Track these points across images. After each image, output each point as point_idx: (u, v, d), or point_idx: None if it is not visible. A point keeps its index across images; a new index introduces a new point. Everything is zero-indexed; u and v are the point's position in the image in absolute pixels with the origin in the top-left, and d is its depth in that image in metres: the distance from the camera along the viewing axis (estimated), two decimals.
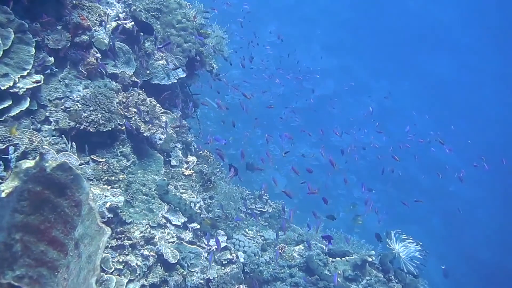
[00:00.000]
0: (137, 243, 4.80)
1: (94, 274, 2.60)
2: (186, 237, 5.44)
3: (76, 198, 3.13)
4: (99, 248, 2.74)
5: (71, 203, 3.14)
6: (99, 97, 5.06)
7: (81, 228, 3.01)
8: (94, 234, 2.89)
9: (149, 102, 5.71)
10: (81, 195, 3.12)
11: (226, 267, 5.59)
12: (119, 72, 5.67)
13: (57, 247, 3.15)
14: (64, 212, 3.14)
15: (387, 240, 6.63)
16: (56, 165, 3.05)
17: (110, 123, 5.04)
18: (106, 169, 5.02)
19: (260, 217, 8.00)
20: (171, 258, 5.03)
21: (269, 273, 6.17)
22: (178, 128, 6.50)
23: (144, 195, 5.34)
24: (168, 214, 5.39)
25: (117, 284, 4.42)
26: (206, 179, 6.39)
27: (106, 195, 4.75)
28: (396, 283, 6.37)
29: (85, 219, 3.01)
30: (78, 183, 3.12)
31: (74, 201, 3.14)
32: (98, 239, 2.82)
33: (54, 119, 4.79)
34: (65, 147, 4.76)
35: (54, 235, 3.14)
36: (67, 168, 3.07)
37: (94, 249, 2.78)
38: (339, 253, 6.61)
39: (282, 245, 6.58)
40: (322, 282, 6.06)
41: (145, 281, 4.74)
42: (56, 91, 4.92)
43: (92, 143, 5.07)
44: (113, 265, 4.53)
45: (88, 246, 2.87)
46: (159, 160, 5.90)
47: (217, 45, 7.43)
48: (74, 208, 3.14)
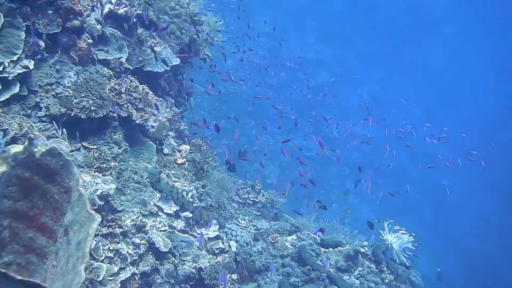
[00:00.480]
0: (128, 231, 4.74)
1: (83, 261, 2.54)
2: (178, 225, 5.39)
3: (66, 184, 3.07)
4: (88, 235, 2.69)
5: (61, 189, 3.08)
6: (90, 84, 4.99)
7: (70, 215, 2.95)
8: (84, 220, 2.83)
9: (142, 89, 5.64)
10: (71, 181, 3.05)
11: (218, 256, 5.55)
12: (111, 58, 5.59)
13: (46, 234, 3.10)
14: (54, 199, 3.08)
15: (380, 231, 6.61)
16: (45, 151, 2.98)
17: (102, 109, 4.98)
18: (98, 156, 4.96)
19: (253, 207, 7.96)
20: (163, 246, 4.99)
21: (261, 263, 6.15)
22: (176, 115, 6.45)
23: (136, 183, 5.28)
24: (160, 202, 5.34)
25: (107, 272, 4.38)
26: (199, 167, 6.33)
27: (97, 182, 4.70)
28: (388, 274, 6.36)
29: (74, 206, 2.95)
30: (68, 169, 3.06)
31: (63, 188, 3.08)
32: (87, 226, 2.77)
33: (45, 105, 4.71)
34: (56, 133, 4.69)
35: (43, 222, 3.08)
36: (57, 153, 3.01)
37: (84, 236, 2.72)
38: (332, 243, 6.59)
39: (274, 235, 6.55)
40: (314, 272, 6.04)
41: (136, 270, 4.69)
42: (47, 76, 4.83)
43: (83, 130, 5.00)
44: (103, 253, 4.49)
45: (78, 233, 2.82)
46: (152, 148, 5.84)
47: (211, 33, 7.36)
48: (64, 194, 3.08)
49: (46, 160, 3.00)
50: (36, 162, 2.98)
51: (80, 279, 2.39)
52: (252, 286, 6.08)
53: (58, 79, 4.88)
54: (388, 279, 6.30)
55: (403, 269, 6.52)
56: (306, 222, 7.36)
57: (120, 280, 4.49)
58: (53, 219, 3.11)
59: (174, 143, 6.37)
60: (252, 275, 6.16)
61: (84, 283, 4.17)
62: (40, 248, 3.08)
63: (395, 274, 6.37)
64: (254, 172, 19.04)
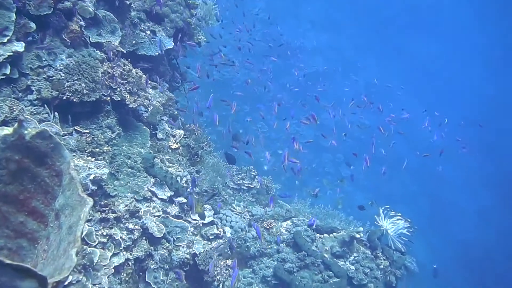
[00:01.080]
0: (121, 217, 4.69)
1: (75, 245, 2.48)
2: (172, 211, 5.34)
3: (57, 167, 3.00)
4: (80, 219, 2.63)
5: (52, 172, 3.01)
6: (83, 67, 4.91)
7: (61, 199, 2.89)
8: (75, 204, 2.77)
9: (135, 73, 5.55)
10: (62, 164, 2.99)
11: (212, 242, 5.51)
12: (104, 41, 5.49)
13: (37, 218, 3.04)
14: (45, 182, 3.01)
15: (375, 216, 6.57)
16: (35, 133, 2.91)
17: (94, 93, 4.90)
18: (90, 140, 4.89)
19: (248, 193, 7.91)
20: (157, 232, 4.94)
21: (256, 249, 6.11)
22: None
23: (129, 168, 5.22)
24: (154, 187, 5.28)
25: (100, 257, 4.33)
26: (193, 153, 6.27)
27: (90, 167, 4.63)
28: (383, 259, 6.34)
29: (66, 189, 2.88)
30: (59, 152, 2.99)
31: (54, 171, 3.01)
32: (79, 210, 2.70)
33: (36, 88, 4.63)
34: (48, 117, 4.61)
35: (34, 206, 3.02)
36: (48, 136, 2.94)
37: (75, 220, 2.66)
38: (327, 229, 6.56)
39: (269, 221, 6.50)
40: (309, 258, 6.01)
41: (129, 255, 4.65)
42: (38, 59, 4.74)
43: (75, 114, 4.93)
44: (96, 238, 4.43)
45: (69, 217, 2.76)
46: (145, 132, 5.76)
47: (206, 17, 7.26)
48: (55, 178, 3.02)
49: (37, 143, 2.93)
50: (26, 145, 2.91)
51: (71, 264, 2.33)
52: (247, 271, 6.05)
53: (49, 62, 4.79)
54: (383, 264, 6.28)
55: (398, 255, 6.50)
56: (301, 208, 7.32)
57: (114, 265, 4.45)
58: (44, 203, 3.04)
59: (168, 128, 6.29)
60: (247, 261, 6.13)
61: (77, 268, 4.12)
62: (31, 233, 3.02)
63: (390, 260, 6.35)
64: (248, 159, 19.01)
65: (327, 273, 5.98)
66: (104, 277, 4.31)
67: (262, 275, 5.96)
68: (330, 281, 5.92)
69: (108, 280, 4.33)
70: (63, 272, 2.27)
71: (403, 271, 6.49)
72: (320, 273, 6.00)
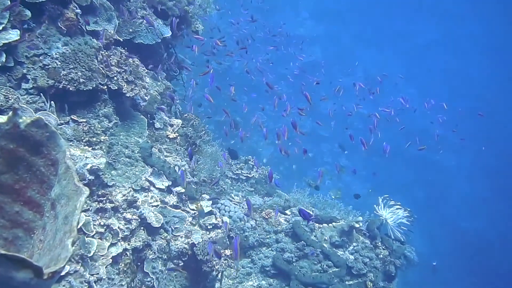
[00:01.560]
0: (119, 206, 4.65)
1: (71, 235, 2.44)
2: (170, 201, 5.30)
3: (53, 156, 2.95)
4: (76, 208, 2.58)
5: (47, 161, 2.97)
6: (79, 55, 4.84)
7: (57, 188, 2.84)
8: (71, 194, 2.72)
9: (132, 61, 5.49)
10: (57, 153, 2.94)
11: (211, 232, 5.47)
12: (100, 29, 5.42)
13: (33, 208, 2.99)
14: (40, 172, 2.97)
15: (374, 206, 6.54)
16: (30, 122, 2.86)
17: (91, 82, 4.84)
18: (87, 129, 4.84)
19: (246, 182, 7.88)
20: (155, 222, 4.90)
21: (255, 239, 6.08)
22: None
23: (127, 158, 5.17)
24: (151, 177, 5.24)
25: (98, 247, 4.29)
26: (191, 142, 6.22)
27: (87, 156, 4.58)
28: (382, 249, 6.32)
29: (61, 179, 2.84)
30: (55, 141, 2.94)
31: (50, 160, 2.96)
32: (75, 200, 2.66)
33: (32, 76, 4.57)
34: (44, 106, 4.56)
35: (29, 195, 2.98)
36: (43, 124, 2.89)
37: (71, 210, 2.62)
38: (326, 219, 6.52)
39: (268, 211, 6.47)
40: (308, 248, 5.98)
41: (127, 245, 4.61)
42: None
43: (72, 103, 4.87)
44: (94, 228, 4.39)
45: (65, 207, 2.71)
46: (143, 122, 5.70)
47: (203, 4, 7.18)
48: (51, 167, 2.97)
49: (32, 132, 2.88)
50: (21, 134, 2.86)
51: (67, 254, 2.29)
52: (245, 261, 6.03)
53: (45, 50, 4.73)
54: (382, 254, 6.26)
55: (398, 244, 6.47)
56: (300, 198, 7.28)
57: (112, 255, 4.41)
58: (40, 193, 3.00)
59: (165, 117, 6.24)
60: (245, 251, 6.10)
61: (75, 258, 4.09)
62: (27, 223, 2.98)
63: (390, 250, 6.33)
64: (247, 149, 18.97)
65: (326, 263, 5.96)
66: (102, 267, 4.28)
67: (261, 265, 5.94)
68: (329, 271, 5.90)
69: (106, 270, 4.29)
70: (59, 263, 2.23)
71: (402, 260, 6.48)
72: (319, 263, 5.98)
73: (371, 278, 6.08)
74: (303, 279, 5.77)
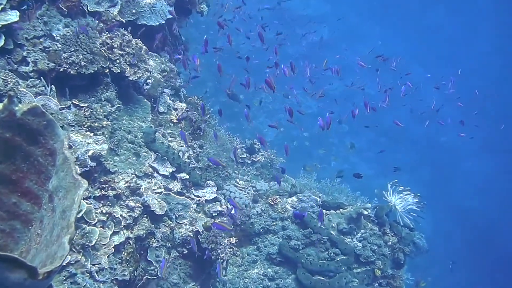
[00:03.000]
0: (122, 194, 4.53)
1: (68, 231, 2.32)
2: (174, 187, 5.18)
3: (50, 146, 2.83)
4: (74, 202, 2.46)
5: (45, 151, 2.84)
6: (80, 37, 4.69)
7: (55, 180, 2.72)
8: (69, 186, 2.60)
9: (135, 44, 5.32)
10: (55, 143, 2.81)
11: (216, 219, 5.36)
12: (102, 10, 5.26)
13: (30, 199, 2.88)
14: (38, 162, 2.84)
15: (383, 192, 6.40)
16: (27, 109, 2.73)
17: (93, 65, 4.69)
18: (89, 114, 4.70)
19: (252, 166, 7.74)
20: (158, 209, 4.79)
21: (261, 226, 5.97)
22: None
23: (129, 143, 5.04)
24: (155, 163, 5.11)
25: (100, 236, 4.19)
26: (196, 127, 6.06)
27: (89, 142, 4.46)
28: (391, 236, 6.19)
29: (59, 170, 2.71)
30: (52, 130, 2.81)
31: (48, 150, 2.84)
32: (73, 193, 2.54)
33: (32, 59, 4.43)
34: (44, 90, 4.42)
35: (27, 186, 2.86)
36: (40, 113, 2.76)
37: (69, 204, 2.50)
38: (334, 205, 6.39)
39: (274, 197, 6.34)
40: (315, 235, 5.87)
41: (130, 233, 4.51)
42: (34, 29, 4.53)
43: (73, 87, 4.73)
44: (96, 216, 4.28)
45: (63, 200, 2.59)
46: (146, 106, 5.55)
47: None
48: (49, 157, 2.85)
49: (28, 120, 2.75)
50: (17, 122, 2.73)
51: (63, 252, 2.18)
52: (251, 249, 5.92)
53: (46, 32, 4.59)
54: (391, 241, 6.13)
55: (407, 231, 6.35)
56: (307, 183, 7.14)
57: (114, 244, 4.31)
58: (38, 184, 2.88)
59: (169, 101, 6.09)
60: (251, 238, 5.99)
61: (76, 248, 3.99)
62: (25, 214, 2.88)
63: (399, 237, 6.20)
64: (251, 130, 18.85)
65: (333, 250, 5.85)
66: (104, 256, 4.19)
67: (267, 252, 5.83)
68: (336, 259, 5.79)
69: (108, 260, 4.20)
70: (55, 262, 2.12)
71: (411, 247, 6.36)
72: (326, 250, 5.87)
73: (380, 266, 5.97)
74: (310, 267, 5.67)
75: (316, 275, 5.68)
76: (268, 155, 8.06)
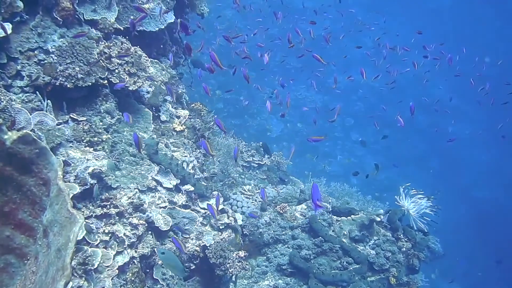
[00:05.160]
0: (124, 211, 4.34)
1: (64, 274, 2.14)
2: (179, 200, 4.98)
3: (44, 175, 2.64)
4: (69, 241, 2.27)
5: (38, 181, 2.66)
6: (76, 48, 4.49)
7: (49, 213, 2.53)
8: (64, 221, 2.41)
9: (134, 51, 5.11)
10: (49, 172, 2.63)
11: (223, 232, 5.15)
12: (99, 18, 5.04)
13: (25, 232, 2.70)
14: (31, 192, 2.66)
15: (396, 197, 6.18)
16: (17, 138, 2.54)
17: (90, 77, 4.49)
18: (88, 128, 4.51)
19: (258, 170, 7.53)
20: (163, 225, 4.61)
21: (270, 236, 5.76)
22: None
23: (131, 156, 4.84)
24: (158, 176, 4.91)
25: (103, 258, 4.00)
26: (200, 135, 5.86)
27: (88, 158, 4.27)
28: (405, 241, 5.98)
29: (53, 203, 2.52)
30: (46, 158, 2.62)
31: (41, 179, 2.65)
32: (68, 229, 2.35)
33: (27, 73, 4.23)
34: (40, 105, 4.23)
35: (21, 218, 2.68)
36: (31, 140, 2.57)
37: (64, 242, 2.31)
38: (344, 210, 6.17)
39: (282, 205, 6.12)
40: (327, 244, 5.66)
41: (135, 253, 4.32)
42: (28, 41, 4.34)
43: (71, 100, 4.54)
44: (98, 236, 4.10)
45: (58, 236, 2.41)
46: (147, 115, 5.35)
47: None
48: (42, 186, 2.66)
49: (19, 149, 2.57)
50: (7, 151, 2.55)
51: None
52: (261, 260, 5.72)
53: (40, 44, 4.39)
54: (405, 247, 5.92)
55: (421, 236, 6.12)
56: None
57: (118, 265, 4.12)
58: (32, 215, 2.70)
59: (172, 108, 5.88)
60: (260, 249, 5.79)
61: (78, 272, 3.79)
62: (20, 248, 2.70)
63: (413, 242, 5.97)
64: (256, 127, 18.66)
65: (346, 259, 5.64)
66: (108, 279, 4.00)
67: (277, 263, 5.62)
68: (349, 268, 5.59)
69: (112, 283, 4.01)
70: None
71: (426, 252, 6.15)
72: (338, 259, 5.66)
73: (394, 273, 5.76)
74: (322, 277, 5.46)
75: (328, 285, 5.47)
76: (275, 157, 7.86)
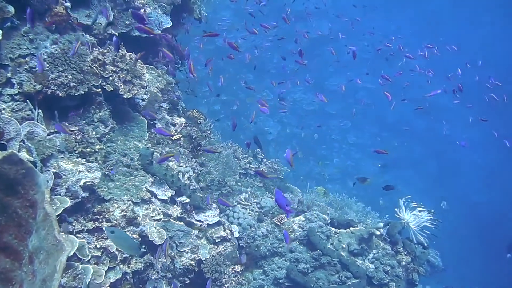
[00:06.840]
0: (117, 225, 4.18)
1: None
2: (174, 213, 4.83)
3: (30, 197, 2.49)
4: (56, 271, 2.13)
5: (25, 202, 2.51)
6: (69, 55, 4.33)
7: (35, 239, 2.39)
8: (51, 249, 2.27)
9: (129, 58, 4.95)
10: (36, 193, 2.48)
11: (219, 246, 5.00)
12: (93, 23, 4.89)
13: (10, 255, 2.55)
14: (17, 214, 2.51)
15: (395, 209, 6.04)
16: (2, 158, 2.39)
17: (83, 85, 4.34)
18: (80, 139, 4.35)
19: (255, 177, 7.38)
20: (157, 238, 4.46)
21: (267, 248, 5.62)
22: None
23: (125, 167, 4.69)
24: (153, 187, 4.76)
25: (94, 275, 3.85)
26: (196, 144, 5.70)
27: (80, 170, 4.11)
28: (405, 255, 5.85)
29: (40, 228, 2.38)
30: (32, 179, 2.48)
31: (28, 201, 2.51)
32: (55, 258, 2.20)
33: (17, 81, 4.08)
34: (31, 114, 4.08)
35: (5, 241, 2.53)
36: (17, 160, 2.43)
37: (50, 272, 2.16)
38: (343, 222, 6.04)
39: (280, 216, 5.98)
40: (325, 257, 5.52)
41: (127, 268, 4.17)
42: (19, 47, 4.18)
43: (63, 108, 4.39)
44: (89, 252, 3.94)
45: (44, 265, 2.26)
46: (142, 123, 5.20)
47: None
48: (29, 209, 2.52)
49: (4, 169, 2.42)
50: None
51: None
52: (257, 273, 5.58)
53: (32, 51, 4.23)
54: (405, 261, 5.79)
55: (421, 249, 6.00)
56: (315, 198, 6.78)
57: (110, 281, 3.98)
58: (18, 238, 2.55)
59: (167, 116, 5.73)
60: (257, 261, 5.65)
61: None
62: (4, 272, 2.54)
63: (413, 256, 5.85)
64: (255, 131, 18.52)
65: (344, 274, 5.50)
66: None
67: (274, 276, 5.47)
68: (348, 282, 5.45)
69: None
70: None
71: (426, 267, 6.02)
72: (337, 273, 5.52)
73: None
74: None
75: None
76: (272, 164, 7.72)
